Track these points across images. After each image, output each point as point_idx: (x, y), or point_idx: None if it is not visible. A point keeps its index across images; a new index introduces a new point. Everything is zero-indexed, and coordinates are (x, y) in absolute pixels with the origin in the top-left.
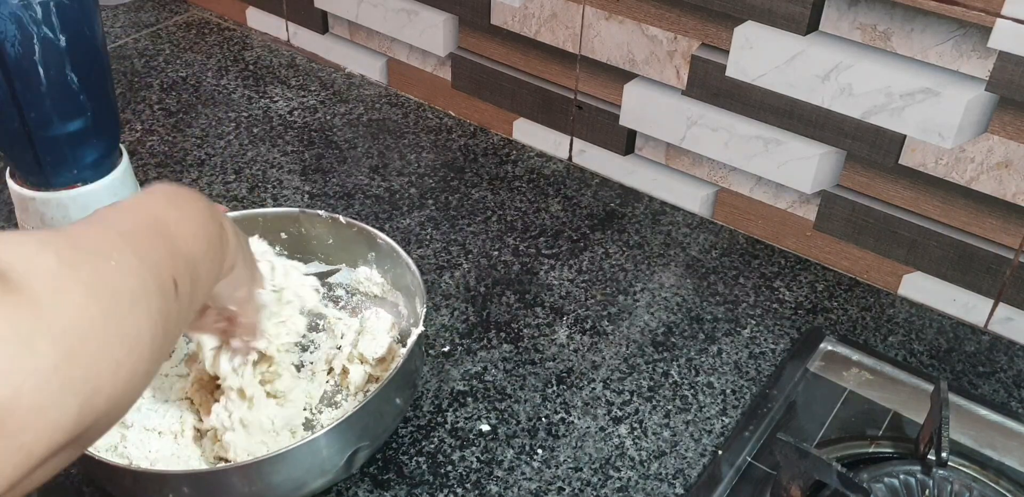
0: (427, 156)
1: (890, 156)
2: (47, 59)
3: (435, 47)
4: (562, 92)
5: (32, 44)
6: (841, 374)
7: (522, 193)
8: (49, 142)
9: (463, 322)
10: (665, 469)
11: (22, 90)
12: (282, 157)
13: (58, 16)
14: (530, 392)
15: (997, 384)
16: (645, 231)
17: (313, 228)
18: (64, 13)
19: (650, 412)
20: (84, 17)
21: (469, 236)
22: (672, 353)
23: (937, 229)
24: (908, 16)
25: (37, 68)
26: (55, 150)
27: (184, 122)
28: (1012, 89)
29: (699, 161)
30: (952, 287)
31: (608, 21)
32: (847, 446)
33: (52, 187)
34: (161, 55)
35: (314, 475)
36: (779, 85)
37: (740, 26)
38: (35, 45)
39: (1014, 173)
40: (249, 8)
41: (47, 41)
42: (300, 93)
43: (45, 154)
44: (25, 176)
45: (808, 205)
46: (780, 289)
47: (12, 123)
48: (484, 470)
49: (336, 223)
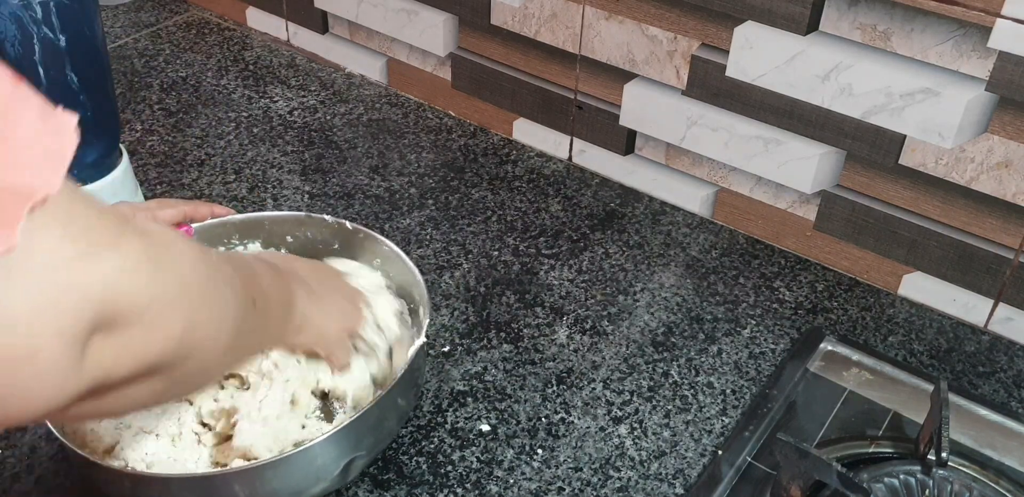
0: (427, 156)
1: (890, 156)
2: (47, 59)
3: (435, 47)
4: (562, 92)
5: (32, 44)
6: (841, 374)
7: (522, 193)
8: None
9: (463, 322)
10: (665, 469)
11: None
12: (282, 157)
13: (58, 16)
14: (530, 392)
15: (997, 384)
16: (645, 231)
17: (319, 233)
18: (64, 13)
19: (650, 412)
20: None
21: (469, 236)
22: (672, 353)
23: (937, 229)
24: (908, 16)
25: (37, 68)
26: None
27: (184, 122)
28: (1012, 89)
29: (699, 161)
30: (952, 287)
31: (608, 21)
32: (847, 446)
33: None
34: (161, 55)
35: (310, 482)
36: (779, 85)
37: (740, 26)
38: (35, 45)
39: (1014, 173)
40: (249, 8)
41: (47, 41)
42: (300, 93)
43: None
44: None
45: (808, 205)
46: (780, 289)
47: None
48: (484, 470)
49: (342, 228)
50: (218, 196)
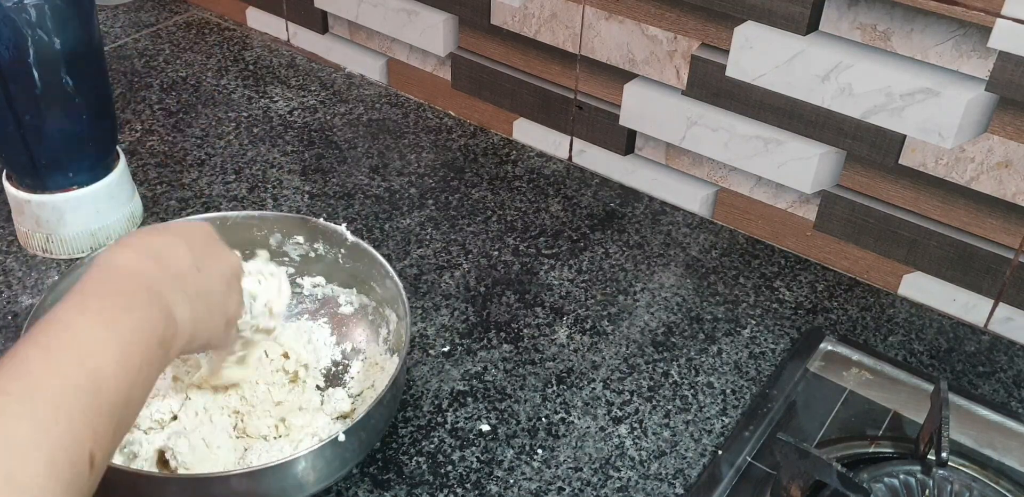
0: (427, 156)
1: (890, 156)
2: (42, 62)
3: (435, 47)
4: (562, 92)
5: (27, 47)
6: (841, 374)
7: (522, 193)
8: (44, 145)
9: (463, 322)
10: (665, 469)
11: (17, 93)
12: (282, 157)
13: (53, 19)
14: (530, 392)
15: (997, 384)
16: (645, 231)
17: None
18: (59, 15)
19: (650, 412)
20: (80, 19)
21: (469, 236)
22: (672, 353)
23: (937, 229)
24: (908, 16)
25: (32, 71)
26: (50, 153)
27: (184, 122)
28: (1012, 89)
29: (699, 161)
30: (952, 287)
31: (608, 21)
32: (847, 446)
33: (48, 190)
34: (161, 55)
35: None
36: (779, 85)
37: (740, 26)
38: (29, 48)
39: (1014, 173)
40: (249, 8)
41: (41, 44)
42: (300, 93)
43: (40, 157)
44: (20, 179)
45: (808, 205)
46: (780, 289)
47: (7, 126)
48: (484, 470)
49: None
50: (218, 196)
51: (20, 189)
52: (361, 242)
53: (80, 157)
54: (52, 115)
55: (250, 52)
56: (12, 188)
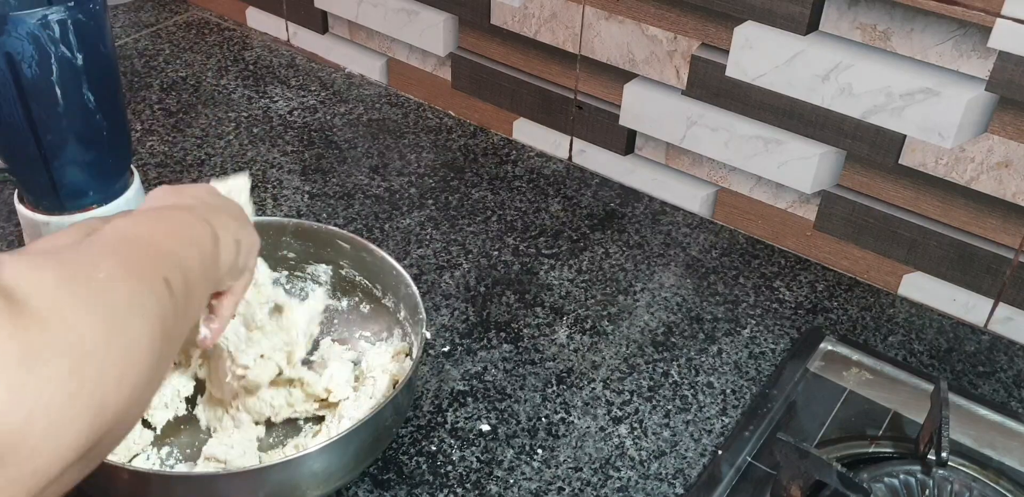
0: (427, 156)
1: (890, 156)
2: (64, 79)
3: (435, 47)
4: (562, 92)
5: (50, 64)
6: (841, 374)
7: (522, 193)
8: (65, 165)
9: (463, 322)
10: (665, 469)
11: (38, 112)
12: (282, 157)
13: (75, 34)
14: (530, 392)
15: (997, 384)
16: (645, 231)
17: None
18: (81, 31)
19: (650, 412)
20: (99, 35)
21: (469, 236)
22: (672, 353)
23: (937, 229)
24: (908, 16)
25: (54, 89)
26: (71, 173)
27: (184, 122)
28: (1012, 89)
29: (699, 161)
30: (952, 287)
31: (608, 21)
32: (847, 446)
33: (66, 211)
34: (161, 55)
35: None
36: (779, 85)
37: (740, 26)
38: (52, 65)
39: (1014, 173)
40: (249, 8)
41: (64, 60)
42: (300, 93)
43: (61, 177)
44: (37, 200)
45: (808, 205)
46: (780, 289)
47: (28, 148)
48: (484, 470)
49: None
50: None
51: (36, 211)
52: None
53: (100, 174)
54: (74, 133)
55: (250, 52)
56: (28, 211)
